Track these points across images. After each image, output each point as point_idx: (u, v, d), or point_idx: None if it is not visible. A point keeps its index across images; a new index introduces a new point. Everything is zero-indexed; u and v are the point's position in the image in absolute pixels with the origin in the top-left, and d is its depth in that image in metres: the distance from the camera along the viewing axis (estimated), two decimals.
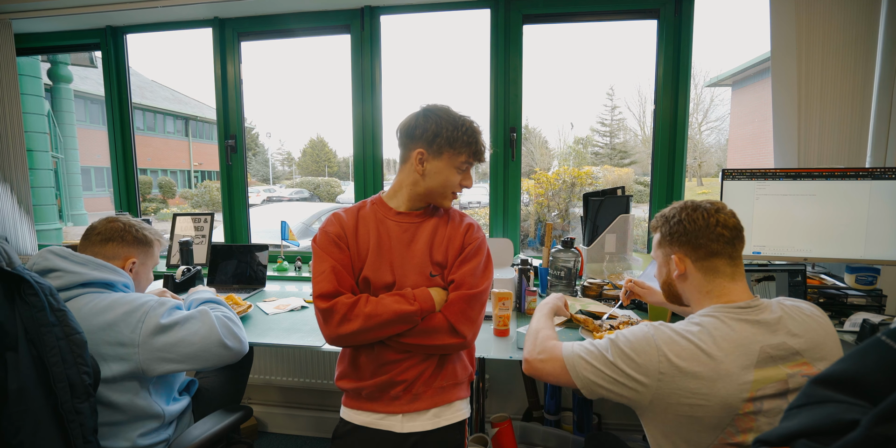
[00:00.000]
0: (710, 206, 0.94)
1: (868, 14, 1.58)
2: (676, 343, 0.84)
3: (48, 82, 5.48)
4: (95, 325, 1.04)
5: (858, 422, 0.36)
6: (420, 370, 1.09)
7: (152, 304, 1.10)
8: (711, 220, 0.92)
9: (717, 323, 0.86)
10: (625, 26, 9.45)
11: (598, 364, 0.88)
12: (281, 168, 23.55)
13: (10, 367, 0.85)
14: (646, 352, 0.85)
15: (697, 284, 0.94)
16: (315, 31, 2.23)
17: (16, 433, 0.84)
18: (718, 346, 0.82)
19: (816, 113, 1.63)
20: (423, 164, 1.07)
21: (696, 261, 0.93)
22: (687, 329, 0.87)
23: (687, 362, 0.82)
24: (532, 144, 12.95)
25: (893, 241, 1.48)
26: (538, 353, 0.98)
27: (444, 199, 1.12)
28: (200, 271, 1.99)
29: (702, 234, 0.92)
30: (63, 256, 1.10)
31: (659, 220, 1.01)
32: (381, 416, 1.10)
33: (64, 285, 1.07)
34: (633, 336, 0.88)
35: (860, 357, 0.42)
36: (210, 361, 1.13)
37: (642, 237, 3.55)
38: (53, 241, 3.63)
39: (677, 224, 0.95)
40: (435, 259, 1.10)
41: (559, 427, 1.88)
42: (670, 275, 0.99)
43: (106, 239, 1.19)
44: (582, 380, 0.90)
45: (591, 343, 0.93)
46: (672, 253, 0.96)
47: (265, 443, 2.17)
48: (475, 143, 1.07)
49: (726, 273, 0.92)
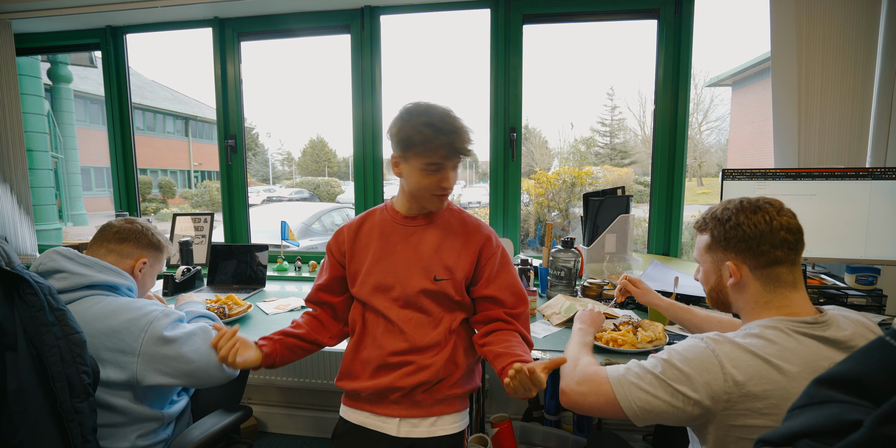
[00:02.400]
0: (772, 208, 0.84)
1: (868, 14, 1.58)
2: (741, 358, 0.75)
3: (48, 82, 5.48)
4: (98, 329, 1.03)
5: (861, 422, 0.36)
6: (422, 379, 1.07)
7: (157, 314, 1.09)
8: (775, 224, 0.82)
9: (781, 335, 0.77)
10: (625, 26, 9.47)
11: (652, 390, 0.78)
12: (281, 168, 23.57)
13: (9, 366, 0.85)
14: (708, 370, 0.75)
15: (754, 294, 0.85)
16: (315, 31, 2.23)
17: (15, 433, 0.84)
18: (787, 361, 0.73)
19: (816, 113, 1.63)
20: (399, 167, 1.07)
21: (755, 268, 0.84)
22: (750, 342, 0.77)
23: (755, 380, 0.73)
24: (532, 144, 12.96)
25: (893, 241, 1.48)
26: (577, 384, 0.87)
27: (428, 202, 1.09)
28: (200, 271, 1.99)
29: (765, 240, 0.82)
30: (69, 258, 1.10)
31: (709, 221, 0.91)
32: (378, 418, 1.10)
33: (69, 287, 1.06)
34: (689, 353, 0.78)
35: (863, 357, 0.41)
36: (202, 381, 1.12)
37: (642, 237, 3.55)
38: (53, 241, 3.63)
39: (735, 228, 0.85)
40: (446, 263, 1.09)
41: (559, 427, 1.88)
42: (722, 282, 0.89)
43: (123, 238, 1.21)
44: (635, 409, 0.79)
45: (638, 365, 0.83)
46: (727, 259, 0.87)
47: (265, 443, 2.17)
48: (435, 145, 0.99)
49: (788, 281, 0.83)
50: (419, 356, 1.08)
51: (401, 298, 1.09)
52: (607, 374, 0.84)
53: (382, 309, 1.09)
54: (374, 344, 1.11)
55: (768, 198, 0.88)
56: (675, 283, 1.56)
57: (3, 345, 0.85)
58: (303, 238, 4.43)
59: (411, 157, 1.03)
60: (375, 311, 1.11)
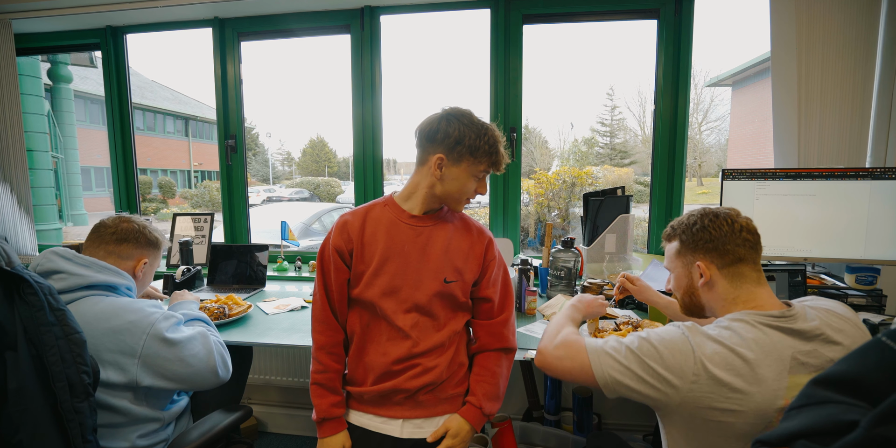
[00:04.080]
0: (732, 213, 0.94)
1: (868, 14, 1.58)
2: (710, 346, 0.81)
3: (48, 82, 5.48)
4: (99, 330, 1.03)
5: (858, 422, 0.36)
6: (426, 381, 1.07)
7: (158, 316, 1.09)
8: (736, 226, 0.91)
9: (748, 327, 0.83)
10: (625, 26, 9.45)
11: (626, 362, 0.84)
12: (281, 168, 23.57)
13: (9, 366, 0.85)
14: (681, 352, 0.81)
15: (723, 292, 0.92)
16: (315, 31, 2.23)
17: (15, 432, 0.84)
18: (752, 350, 0.79)
19: (816, 113, 1.63)
20: (442, 170, 1.05)
21: (721, 267, 0.92)
22: (718, 333, 0.83)
23: (722, 366, 0.79)
24: (532, 144, 12.96)
25: (893, 241, 1.48)
26: (555, 347, 0.93)
27: (458, 204, 1.11)
28: (200, 271, 1.99)
29: (728, 240, 0.90)
30: (67, 258, 1.09)
31: (676, 228, 0.99)
32: (381, 420, 1.10)
33: (68, 287, 1.06)
34: (666, 335, 0.85)
35: (860, 358, 0.42)
36: (197, 385, 1.13)
37: (642, 237, 3.55)
38: (53, 241, 3.63)
39: (701, 230, 0.93)
40: (455, 265, 1.09)
41: (559, 427, 1.88)
42: (693, 284, 0.96)
43: (121, 239, 1.19)
44: (606, 378, 0.85)
45: (616, 340, 0.89)
46: (696, 260, 0.94)
47: (265, 443, 2.17)
48: (496, 154, 1.05)
49: (752, 278, 0.91)
50: (424, 358, 1.07)
51: (408, 301, 1.06)
52: (585, 344, 0.90)
53: (389, 313, 1.06)
54: (378, 351, 1.08)
55: (725, 207, 0.97)
56: None
57: (3, 345, 0.85)
58: (303, 238, 4.43)
59: (468, 162, 1.04)
60: (379, 315, 1.08)
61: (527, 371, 1.92)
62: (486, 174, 1.09)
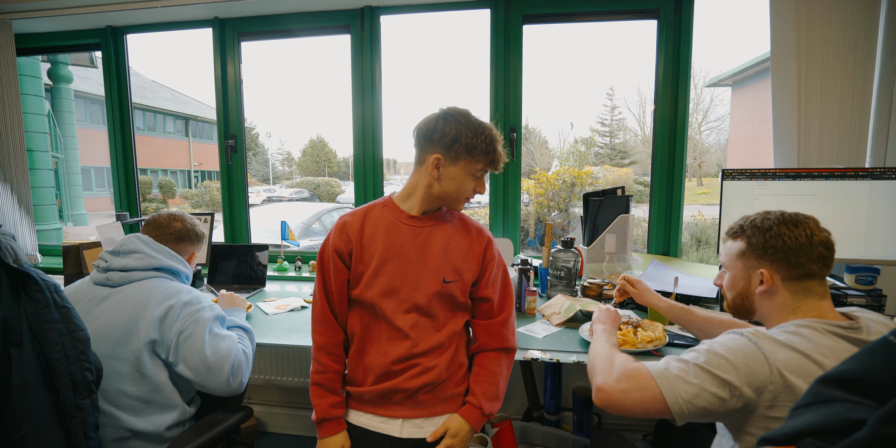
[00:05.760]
0: (812, 223, 0.87)
1: (868, 14, 1.59)
2: (783, 353, 0.75)
3: (48, 82, 5.48)
4: (158, 300, 1.15)
5: (865, 421, 0.36)
6: (426, 381, 1.07)
7: (207, 305, 1.21)
8: (815, 239, 0.84)
9: (817, 334, 0.78)
10: (625, 26, 9.47)
11: (698, 382, 0.76)
12: (281, 168, 23.55)
13: (14, 362, 0.85)
14: (754, 360, 0.75)
15: (783, 302, 0.86)
16: (315, 31, 2.23)
17: (18, 428, 0.85)
18: (827, 357, 0.74)
19: (816, 113, 1.63)
20: (439, 169, 1.05)
21: (786, 279, 0.85)
22: (788, 338, 0.77)
23: (797, 373, 0.73)
24: (532, 144, 12.96)
25: (893, 241, 1.48)
26: (617, 380, 0.81)
27: (457, 204, 1.11)
28: (200, 271, 1.98)
29: (803, 253, 0.84)
30: (146, 243, 1.25)
31: (748, 228, 0.91)
32: (381, 420, 1.10)
33: (142, 266, 1.21)
34: (732, 344, 0.78)
35: (867, 357, 0.42)
36: (207, 382, 1.14)
37: (642, 237, 3.55)
38: (53, 241, 3.63)
39: (775, 238, 0.86)
40: (455, 265, 1.09)
41: (559, 427, 1.88)
42: (751, 289, 0.90)
43: (179, 238, 1.33)
44: (682, 405, 0.76)
45: (678, 359, 0.81)
46: (761, 268, 0.88)
47: (265, 443, 2.17)
48: (493, 153, 1.05)
49: (818, 292, 0.85)
50: (423, 358, 1.07)
51: (408, 302, 1.06)
52: (649, 370, 0.81)
53: (388, 313, 1.06)
54: (378, 351, 1.08)
55: (806, 214, 0.89)
56: (675, 283, 1.56)
57: (8, 341, 0.86)
58: (303, 238, 4.43)
59: (466, 161, 1.04)
60: (379, 315, 1.08)
61: (527, 371, 1.92)
62: (484, 173, 1.09)
